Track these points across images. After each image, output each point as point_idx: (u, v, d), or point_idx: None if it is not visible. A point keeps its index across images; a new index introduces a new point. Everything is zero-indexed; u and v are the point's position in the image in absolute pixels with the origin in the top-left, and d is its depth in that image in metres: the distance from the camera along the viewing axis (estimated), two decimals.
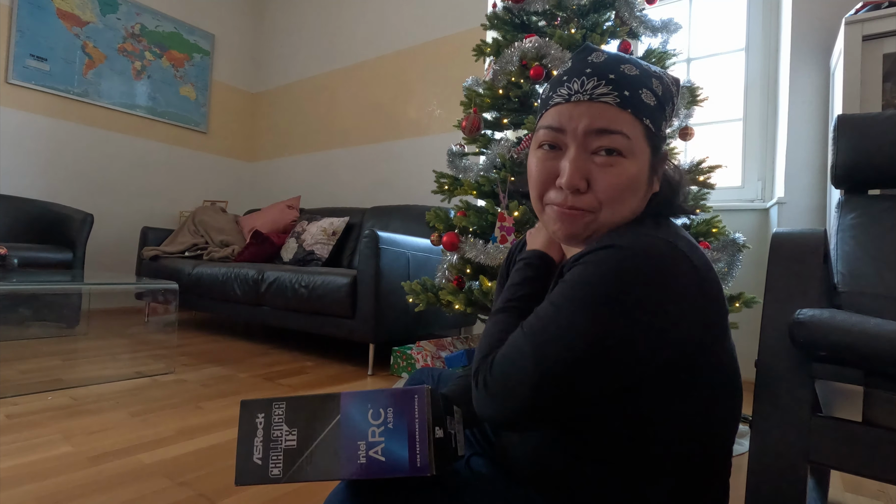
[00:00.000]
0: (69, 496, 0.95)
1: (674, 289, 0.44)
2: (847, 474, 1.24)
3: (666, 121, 0.51)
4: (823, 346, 0.57)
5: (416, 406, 0.42)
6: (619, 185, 0.48)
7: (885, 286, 0.90)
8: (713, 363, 0.48)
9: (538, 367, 0.44)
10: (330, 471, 0.42)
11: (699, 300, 0.45)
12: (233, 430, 1.34)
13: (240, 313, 2.54)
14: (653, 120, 0.50)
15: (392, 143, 3.30)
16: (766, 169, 2.22)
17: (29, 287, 2.06)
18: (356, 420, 0.43)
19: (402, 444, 0.42)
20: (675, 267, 0.44)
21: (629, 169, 0.49)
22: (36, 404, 1.47)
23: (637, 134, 0.49)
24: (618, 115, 0.48)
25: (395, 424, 0.42)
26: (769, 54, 2.22)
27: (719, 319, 0.48)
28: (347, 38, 3.64)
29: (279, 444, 0.44)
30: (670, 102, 0.52)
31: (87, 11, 3.29)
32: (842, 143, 1.04)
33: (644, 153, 0.50)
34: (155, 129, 3.67)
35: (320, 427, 0.43)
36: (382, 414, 0.43)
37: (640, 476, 0.50)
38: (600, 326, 0.43)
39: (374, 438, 0.42)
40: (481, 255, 1.51)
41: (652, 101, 0.49)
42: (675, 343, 0.45)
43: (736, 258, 1.44)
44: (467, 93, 1.77)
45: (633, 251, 0.44)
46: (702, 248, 0.50)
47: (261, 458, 0.43)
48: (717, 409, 0.50)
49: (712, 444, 0.51)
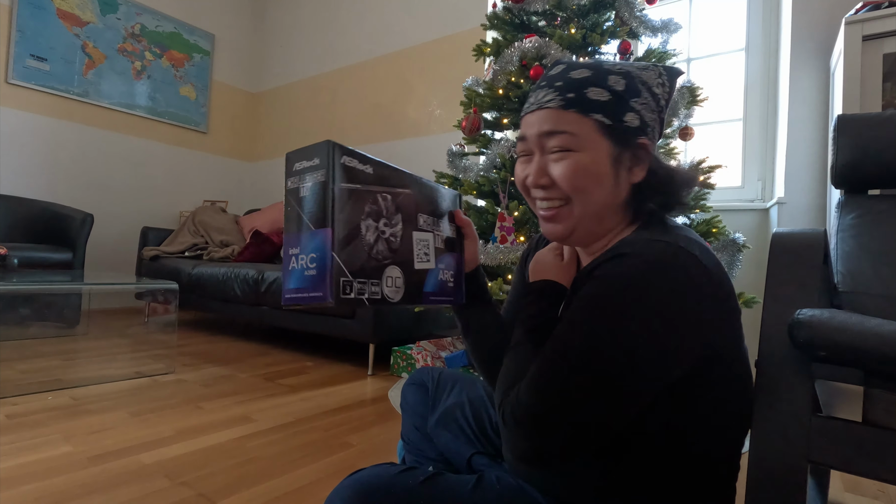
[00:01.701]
0: (69, 496, 0.95)
1: (688, 295, 0.44)
2: (847, 474, 1.24)
3: (635, 111, 0.52)
4: (823, 346, 0.57)
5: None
6: (572, 173, 0.51)
7: (885, 286, 0.90)
8: (729, 363, 0.49)
9: (565, 388, 0.44)
10: None
11: (713, 304, 0.46)
12: (232, 430, 1.34)
13: (240, 313, 2.54)
14: (606, 113, 0.52)
15: (392, 143, 3.30)
16: (766, 169, 2.22)
17: (29, 287, 2.06)
18: None
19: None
20: (687, 273, 0.45)
21: (581, 160, 0.51)
22: (36, 404, 1.47)
23: (585, 129, 0.52)
24: (561, 116, 0.52)
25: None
26: (769, 54, 2.22)
27: (734, 320, 0.49)
28: (347, 38, 3.64)
29: None
30: (641, 93, 0.53)
31: (87, 11, 3.29)
32: (842, 143, 1.04)
33: (598, 144, 0.52)
34: (155, 129, 3.67)
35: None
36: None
37: (651, 478, 0.50)
38: (621, 339, 0.43)
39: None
40: (481, 255, 1.51)
41: (604, 97, 0.52)
42: (696, 346, 0.45)
43: (736, 258, 1.44)
44: (467, 93, 1.77)
45: (643, 259, 0.45)
46: (711, 254, 0.50)
47: None
48: (734, 409, 0.51)
49: (725, 448, 0.52)
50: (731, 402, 0.51)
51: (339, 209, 0.43)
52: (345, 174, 0.44)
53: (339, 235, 0.43)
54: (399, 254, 0.50)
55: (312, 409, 1.56)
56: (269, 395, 1.68)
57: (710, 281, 0.46)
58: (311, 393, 1.73)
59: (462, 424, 0.78)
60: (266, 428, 1.37)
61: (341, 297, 0.43)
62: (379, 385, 1.89)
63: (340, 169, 0.44)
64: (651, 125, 0.54)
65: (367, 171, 0.47)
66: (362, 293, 0.45)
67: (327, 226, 0.43)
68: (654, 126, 0.54)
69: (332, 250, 0.42)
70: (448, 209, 0.62)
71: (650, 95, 0.54)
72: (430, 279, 0.54)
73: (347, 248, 0.44)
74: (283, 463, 1.15)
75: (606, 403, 0.44)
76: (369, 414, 1.54)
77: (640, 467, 0.50)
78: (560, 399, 0.44)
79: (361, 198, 0.46)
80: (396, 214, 0.51)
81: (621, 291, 0.44)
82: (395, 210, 0.51)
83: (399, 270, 0.50)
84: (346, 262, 0.44)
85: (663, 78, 0.55)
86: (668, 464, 0.49)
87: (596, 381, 0.43)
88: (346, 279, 0.43)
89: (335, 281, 0.42)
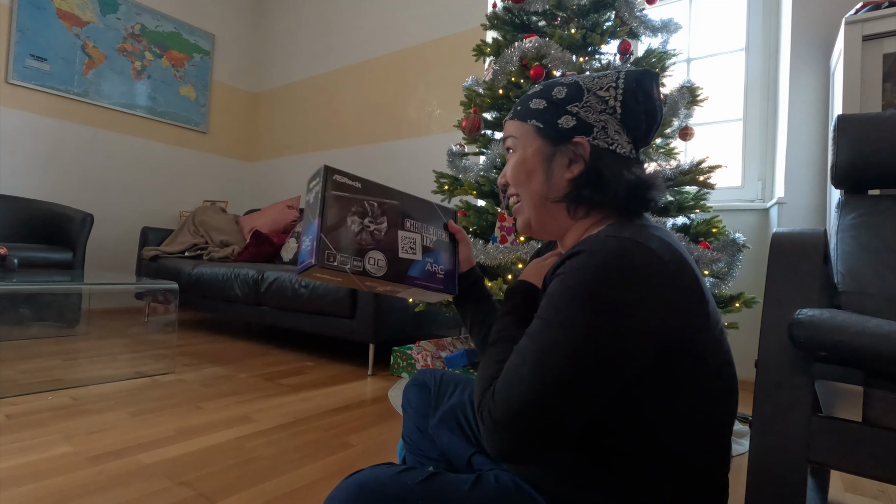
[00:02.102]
0: (69, 496, 0.95)
1: (643, 284, 0.46)
2: (847, 474, 1.24)
3: (571, 114, 0.59)
4: (823, 346, 0.57)
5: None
6: (511, 169, 0.63)
7: (885, 286, 0.90)
8: (699, 353, 0.50)
9: (537, 381, 0.45)
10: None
11: (672, 292, 0.47)
12: (232, 430, 1.34)
13: (240, 313, 2.54)
14: (540, 118, 0.61)
15: (392, 143, 3.30)
16: (766, 169, 2.22)
17: (29, 287, 2.06)
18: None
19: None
20: (640, 264, 0.47)
21: (517, 157, 0.62)
22: (36, 404, 1.47)
23: (524, 133, 0.62)
24: (510, 125, 0.64)
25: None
26: (769, 54, 2.22)
27: (698, 308, 0.49)
28: (347, 38, 3.64)
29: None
30: (582, 98, 0.60)
31: (87, 11, 3.29)
32: (842, 143, 1.04)
33: (532, 144, 0.61)
34: (155, 129, 3.67)
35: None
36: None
37: (638, 470, 0.50)
38: (584, 330, 0.45)
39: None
40: (481, 255, 1.51)
41: (541, 105, 0.61)
42: (657, 336, 0.47)
43: (736, 258, 1.44)
44: (467, 93, 1.77)
45: (600, 254, 0.48)
46: (676, 243, 0.52)
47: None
48: (711, 399, 0.51)
49: (709, 435, 0.51)
50: (703, 393, 0.51)
51: (329, 207, 0.60)
52: (335, 186, 0.62)
53: (327, 223, 0.60)
54: (382, 243, 0.65)
55: (312, 409, 1.56)
56: (269, 395, 1.68)
57: (664, 272, 0.47)
58: (311, 393, 1.73)
59: (462, 424, 0.78)
60: (266, 428, 1.37)
61: (325, 262, 0.59)
62: (379, 385, 1.89)
63: (332, 183, 0.62)
64: (595, 124, 0.58)
65: (356, 186, 0.64)
66: (344, 264, 0.60)
67: (318, 217, 0.60)
68: (601, 124, 0.58)
69: (321, 232, 0.59)
70: (443, 221, 0.76)
71: (595, 98, 0.59)
72: (416, 267, 0.67)
73: (333, 233, 0.60)
74: (283, 463, 1.15)
75: (572, 398, 0.45)
76: (369, 414, 1.54)
77: (623, 462, 0.50)
78: (527, 397, 0.45)
79: (348, 202, 0.63)
80: (382, 216, 0.66)
81: (579, 284, 0.47)
82: (381, 213, 0.66)
83: (381, 255, 0.64)
84: (331, 241, 0.60)
85: (618, 81, 0.60)
86: (648, 457, 0.50)
87: (562, 370, 0.45)
88: (329, 251, 0.59)
89: (321, 252, 0.59)
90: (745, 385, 2.12)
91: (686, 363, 0.49)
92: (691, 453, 0.51)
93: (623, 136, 0.59)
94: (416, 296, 0.70)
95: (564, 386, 0.45)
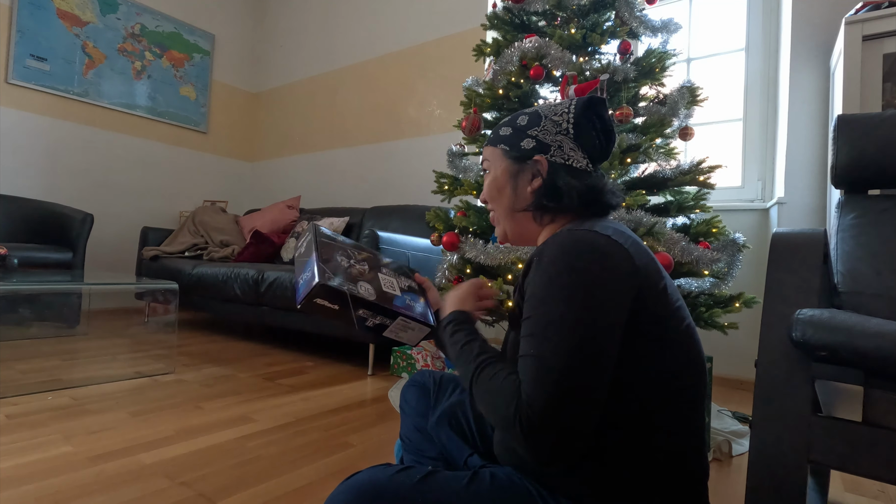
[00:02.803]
0: (69, 496, 0.95)
1: (606, 258, 0.53)
2: (847, 474, 1.24)
3: (531, 137, 0.68)
4: (823, 346, 0.57)
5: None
6: (486, 187, 0.74)
7: (885, 286, 0.90)
8: (660, 318, 0.55)
9: (561, 360, 0.49)
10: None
11: (631, 265, 0.54)
12: (232, 430, 1.34)
13: (240, 313, 2.54)
14: (507, 143, 0.71)
15: (392, 143, 3.30)
16: (766, 169, 2.22)
17: (29, 287, 2.06)
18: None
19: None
20: (600, 245, 0.54)
21: (491, 177, 0.73)
22: (36, 404, 1.47)
23: (495, 156, 0.72)
24: (485, 150, 0.75)
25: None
26: (769, 54, 2.22)
27: (657, 280, 0.56)
28: (347, 38, 3.64)
29: None
30: (540, 123, 0.69)
31: (87, 11, 3.29)
32: (842, 143, 1.04)
33: (501, 165, 0.71)
34: (155, 129, 3.67)
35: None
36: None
37: (605, 450, 0.53)
38: (576, 302, 0.51)
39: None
40: (481, 255, 1.51)
41: (508, 132, 0.71)
42: (629, 298, 0.53)
43: (736, 258, 1.44)
44: (467, 93, 1.77)
45: (565, 243, 0.55)
46: (630, 235, 0.59)
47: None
48: (674, 370, 0.54)
49: (676, 412, 0.54)
50: (667, 362, 0.54)
51: (321, 247, 0.73)
52: (321, 236, 0.76)
53: (321, 257, 0.70)
54: (366, 277, 0.74)
55: (312, 409, 1.56)
56: (269, 395, 1.68)
57: (621, 250, 0.54)
58: (311, 393, 1.73)
59: (462, 423, 0.79)
60: (266, 428, 1.37)
61: (325, 280, 0.66)
62: (379, 385, 1.89)
63: (320, 233, 0.77)
64: (552, 144, 0.67)
65: (338, 239, 0.79)
66: (342, 286, 0.68)
67: (314, 252, 0.71)
68: (557, 143, 0.67)
69: (319, 261, 0.69)
70: (410, 273, 0.86)
71: (550, 122, 0.68)
72: (398, 301, 0.75)
73: (327, 265, 0.70)
74: (283, 463, 1.15)
75: (593, 360, 0.49)
76: (369, 414, 1.54)
77: (608, 448, 0.53)
78: (561, 378, 0.48)
79: (333, 247, 0.75)
80: (363, 261, 0.77)
81: (553, 274, 0.53)
82: (361, 259, 0.78)
83: (370, 285, 0.73)
84: (328, 268, 0.69)
85: (570, 107, 0.68)
86: (620, 439, 0.53)
87: (577, 344, 0.49)
88: (328, 274, 0.68)
89: (322, 273, 0.67)
90: (745, 385, 2.12)
91: (649, 330, 0.54)
92: (659, 433, 0.53)
93: (578, 152, 0.67)
94: (399, 332, 0.76)
95: (584, 350, 0.49)
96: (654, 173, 1.53)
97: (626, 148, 1.45)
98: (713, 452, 1.30)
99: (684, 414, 0.55)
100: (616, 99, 1.58)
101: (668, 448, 0.53)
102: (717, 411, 1.65)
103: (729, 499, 1.05)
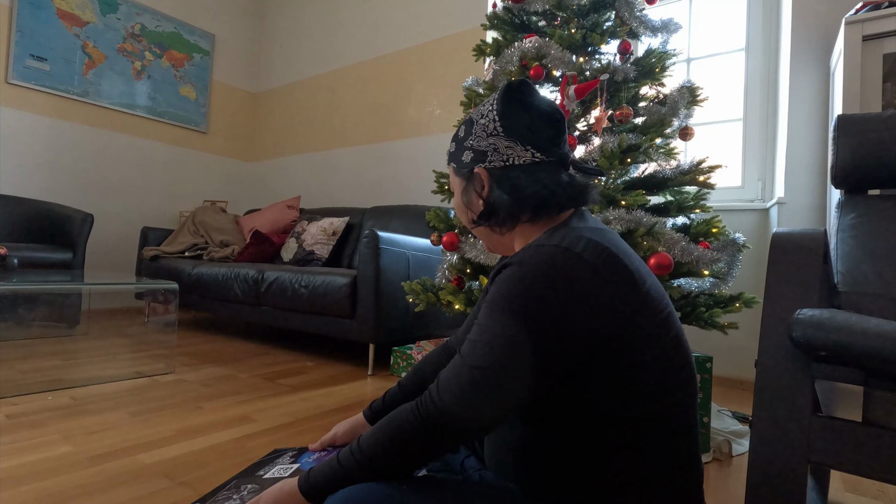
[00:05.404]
0: (69, 496, 0.95)
1: (567, 288, 0.51)
2: (847, 474, 1.24)
3: (468, 148, 0.67)
4: (823, 346, 0.57)
5: None
6: (454, 208, 0.78)
7: (885, 286, 0.90)
8: (639, 335, 0.52)
9: (484, 359, 0.51)
10: None
11: (597, 289, 0.51)
12: (232, 429, 1.34)
13: (240, 313, 2.54)
14: (453, 159, 0.70)
15: (392, 143, 3.30)
16: (766, 169, 2.22)
17: (29, 287, 2.06)
18: None
19: None
20: (564, 269, 0.52)
21: (454, 198, 0.73)
22: (36, 404, 1.47)
23: (451, 175, 0.73)
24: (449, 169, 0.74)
25: None
26: (769, 54, 2.22)
27: (631, 295, 0.52)
28: (347, 38, 3.64)
29: None
30: (472, 130, 0.67)
31: (87, 11, 3.29)
32: (842, 143, 1.04)
33: (455, 183, 0.71)
34: (155, 129, 3.67)
35: None
36: None
37: (602, 455, 0.53)
38: (517, 329, 0.51)
39: None
40: (481, 255, 1.51)
41: (452, 148, 0.71)
42: (588, 331, 0.51)
43: (736, 258, 1.44)
44: (467, 93, 1.77)
45: (528, 264, 0.53)
46: (609, 240, 0.55)
47: None
48: (662, 379, 0.53)
49: (667, 412, 0.53)
50: (653, 372, 0.53)
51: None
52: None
53: None
54: None
55: (312, 409, 1.56)
56: (269, 395, 1.68)
57: (589, 267, 0.51)
58: (311, 393, 1.73)
59: None
60: (266, 428, 1.37)
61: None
62: (379, 385, 1.89)
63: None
64: (488, 150, 0.64)
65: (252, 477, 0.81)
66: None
67: None
68: (492, 148, 0.64)
69: None
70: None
71: (479, 127, 0.65)
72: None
73: None
74: None
75: (509, 380, 0.50)
76: None
77: (579, 446, 0.53)
78: (476, 370, 0.52)
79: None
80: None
81: (510, 290, 0.53)
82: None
83: None
84: None
85: (493, 104, 0.65)
86: (605, 444, 0.53)
87: (499, 360, 0.51)
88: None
89: None
90: (745, 385, 2.12)
91: (624, 349, 0.52)
92: (648, 449, 0.52)
93: (518, 146, 0.63)
94: None
95: (503, 371, 0.50)
96: (654, 173, 1.53)
97: (626, 148, 1.45)
98: (713, 452, 1.30)
99: (672, 431, 0.54)
100: (616, 99, 1.58)
101: (656, 465, 0.53)
102: (717, 411, 1.65)
103: (729, 499, 1.05)
